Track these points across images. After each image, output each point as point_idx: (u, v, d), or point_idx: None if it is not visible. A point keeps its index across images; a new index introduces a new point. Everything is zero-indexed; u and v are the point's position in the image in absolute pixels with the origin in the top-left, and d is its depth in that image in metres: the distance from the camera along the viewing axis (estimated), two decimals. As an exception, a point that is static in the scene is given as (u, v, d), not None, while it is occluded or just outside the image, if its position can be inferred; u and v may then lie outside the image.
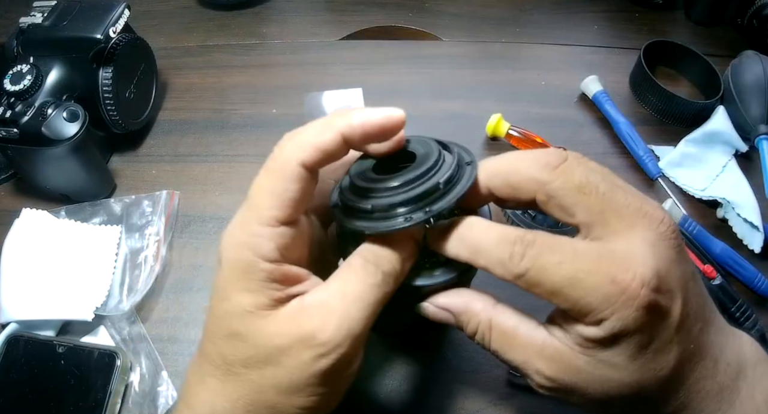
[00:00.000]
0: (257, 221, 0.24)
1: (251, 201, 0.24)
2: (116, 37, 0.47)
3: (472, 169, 0.26)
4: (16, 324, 0.41)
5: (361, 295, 0.24)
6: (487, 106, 0.58)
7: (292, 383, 0.23)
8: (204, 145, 0.55)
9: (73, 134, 0.44)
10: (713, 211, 0.50)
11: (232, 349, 0.24)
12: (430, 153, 0.26)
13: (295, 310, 0.24)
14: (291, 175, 0.24)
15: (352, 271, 0.24)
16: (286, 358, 0.23)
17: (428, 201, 0.24)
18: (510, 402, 0.39)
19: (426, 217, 0.24)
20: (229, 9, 0.69)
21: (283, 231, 0.24)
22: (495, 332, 0.25)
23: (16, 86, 0.44)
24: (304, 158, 0.24)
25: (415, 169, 0.25)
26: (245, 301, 0.23)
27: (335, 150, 0.24)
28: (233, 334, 0.24)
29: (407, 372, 0.41)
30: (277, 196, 0.24)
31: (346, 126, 0.24)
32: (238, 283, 0.24)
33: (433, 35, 0.68)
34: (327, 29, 0.68)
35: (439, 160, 0.26)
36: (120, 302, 0.43)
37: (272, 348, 0.23)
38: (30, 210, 0.46)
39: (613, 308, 0.21)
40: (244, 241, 0.24)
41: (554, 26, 0.69)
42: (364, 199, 0.25)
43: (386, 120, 0.24)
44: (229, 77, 0.61)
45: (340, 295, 0.24)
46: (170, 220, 0.48)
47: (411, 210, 0.24)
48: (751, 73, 0.54)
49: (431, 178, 0.25)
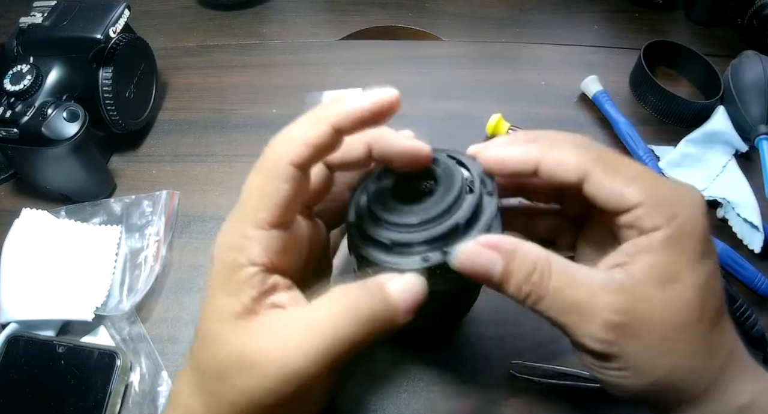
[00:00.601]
0: (248, 223, 0.23)
1: (243, 202, 0.24)
2: (116, 37, 0.47)
3: (493, 203, 0.26)
4: (16, 324, 0.41)
5: (324, 333, 0.21)
6: (487, 106, 0.58)
7: (237, 405, 0.22)
8: (204, 145, 0.55)
9: (73, 134, 0.44)
10: (713, 211, 0.50)
11: (202, 353, 0.24)
12: (452, 184, 0.26)
13: (258, 327, 0.22)
14: (282, 175, 0.23)
15: (331, 302, 0.22)
16: (233, 378, 0.22)
17: (447, 241, 0.24)
18: (510, 402, 0.39)
19: (443, 258, 0.24)
20: (229, 9, 0.69)
21: (273, 234, 0.23)
22: (556, 267, 0.23)
23: (16, 86, 0.44)
24: (295, 157, 0.23)
25: (436, 204, 0.25)
26: (223, 304, 0.23)
27: (328, 143, 0.23)
28: (206, 337, 0.24)
29: (408, 372, 0.41)
30: (268, 198, 0.23)
31: (336, 117, 0.23)
32: (221, 286, 0.23)
33: (433, 35, 0.68)
34: (327, 29, 0.68)
35: (461, 195, 0.25)
36: (120, 302, 0.43)
37: (226, 363, 0.22)
38: (30, 210, 0.46)
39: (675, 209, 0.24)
40: (235, 243, 0.23)
41: (554, 26, 0.69)
42: (383, 229, 0.25)
43: (378, 105, 0.23)
44: (229, 77, 0.61)
45: (307, 326, 0.22)
46: (170, 220, 0.48)
47: (429, 249, 0.24)
48: (751, 73, 0.54)
49: (452, 217, 0.24)
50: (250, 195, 0.23)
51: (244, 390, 0.22)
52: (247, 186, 0.24)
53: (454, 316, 0.38)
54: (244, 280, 0.23)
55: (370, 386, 0.40)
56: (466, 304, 0.36)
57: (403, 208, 0.26)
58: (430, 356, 0.41)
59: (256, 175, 0.23)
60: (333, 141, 0.23)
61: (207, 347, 0.23)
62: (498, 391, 0.40)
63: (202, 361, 0.24)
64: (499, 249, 0.23)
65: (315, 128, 0.23)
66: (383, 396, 0.40)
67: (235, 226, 0.24)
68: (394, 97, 0.24)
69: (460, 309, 0.36)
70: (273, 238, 0.23)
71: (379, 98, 0.23)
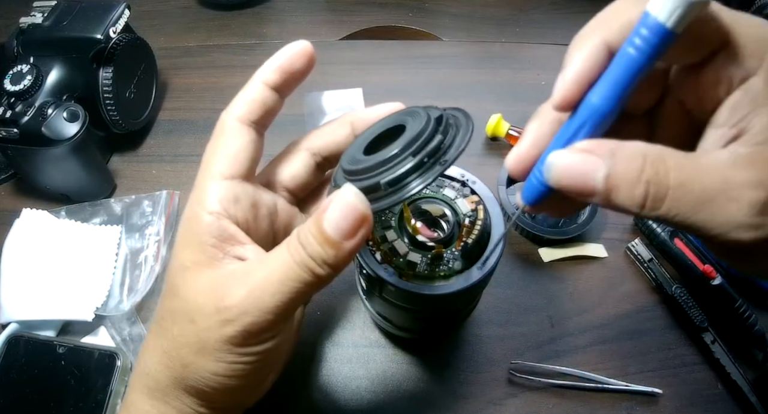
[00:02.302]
0: (206, 178, 0.26)
1: (203, 162, 0.26)
2: (116, 37, 0.47)
3: (465, 118, 0.25)
4: (17, 324, 0.41)
5: (281, 274, 0.23)
6: (487, 106, 0.58)
7: (201, 343, 0.24)
8: (204, 145, 0.54)
9: (73, 134, 0.44)
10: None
11: (167, 303, 0.26)
12: (416, 116, 0.25)
13: (222, 274, 0.24)
14: (229, 131, 0.26)
15: (288, 252, 0.23)
16: (199, 317, 0.24)
17: (437, 157, 0.23)
18: (510, 402, 0.39)
19: (443, 168, 0.22)
20: (229, 9, 0.69)
21: (227, 184, 0.26)
22: (671, 159, 0.18)
23: (17, 86, 0.44)
24: (237, 113, 0.26)
25: (411, 133, 0.24)
26: (185, 255, 0.25)
27: (263, 97, 0.27)
28: (170, 287, 0.25)
29: (408, 372, 0.41)
30: (219, 152, 0.26)
31: (262, 73, 0.27)
32: (183, 240, 0.25)
33: (433, 35, 0.68)
34: (327, 29, 0.68)
35: (429, 122, 0.24)
36: (120, 302, 0.43)
37: (192, 304, 0.24)
38: (30, 210, 0.46)
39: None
40: (195, 197, 0.26)
41: (554, 26, 0.69)
42: (371, 177, 0.23)
43: (294, 56, 0.27)
44: (229, 77, 0.61)
45: (265, 271, 0.23)
46: (170, 220, 0.48)
47: (422, 172, 0.23)
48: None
49: (432, 138, 0.23)
50: (206, 155, 0.27)
51: (210, 326, 0.23)
52: (206, 150, 0.27)
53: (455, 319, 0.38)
54: (202, 229, 0.25)
55: (371, 386, 0.40)
56: (468, 308, 0.36)
57: (382, 152, 0.24)
58: (430, 356, 0.41)
59: (211, 139, 0.27)
60: (268, 95, 0.27)
61: (174, 297, 0.25)
62: (498, 391, 0.40)
63: (167, 311, 0.25)
64: (596, 152, 0.19)
65: (250, 88, 0.27)
66: (383, 396, 0.40)
67: (196, 185, 0.26)
68: (306, 47, 0.27)
69: (461, 312, 0.36)
70: (227, 188, 0.26)
71: (294, 50, 0.27)
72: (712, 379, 0.41)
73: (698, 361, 0.41)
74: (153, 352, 0.26)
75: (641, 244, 0.46)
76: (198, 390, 0.25)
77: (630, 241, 0.47)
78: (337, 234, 0.22)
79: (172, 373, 0.25)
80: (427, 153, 0.23)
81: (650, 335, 0.43)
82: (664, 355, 0.42)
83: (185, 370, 0.24)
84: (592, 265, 0.47)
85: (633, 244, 0.46)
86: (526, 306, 0.44)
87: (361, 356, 0.41)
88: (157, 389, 0.25)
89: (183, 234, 0.26)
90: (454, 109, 0.26)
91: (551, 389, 0.40)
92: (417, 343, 0.42)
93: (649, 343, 0.42)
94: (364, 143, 0.26)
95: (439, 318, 0.34)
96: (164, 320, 0.25)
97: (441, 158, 0.23)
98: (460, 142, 0.23)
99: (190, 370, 0.24)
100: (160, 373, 0.25)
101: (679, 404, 0.39)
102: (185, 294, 0.24)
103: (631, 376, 0.40)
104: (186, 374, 0.24)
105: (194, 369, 0.24)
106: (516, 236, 0.48)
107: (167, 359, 0.25)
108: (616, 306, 0.44)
